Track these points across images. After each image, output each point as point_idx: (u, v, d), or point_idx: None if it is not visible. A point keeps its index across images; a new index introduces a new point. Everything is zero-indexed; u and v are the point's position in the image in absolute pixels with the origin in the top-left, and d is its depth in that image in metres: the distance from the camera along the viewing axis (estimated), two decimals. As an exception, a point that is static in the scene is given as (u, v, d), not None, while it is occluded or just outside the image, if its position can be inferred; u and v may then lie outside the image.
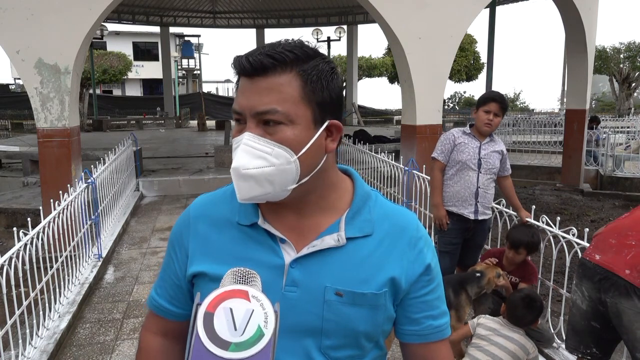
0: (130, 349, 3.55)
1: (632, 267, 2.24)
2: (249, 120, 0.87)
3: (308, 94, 0.87)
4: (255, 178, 0.86)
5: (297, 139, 0.87)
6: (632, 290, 2.23)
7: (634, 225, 2.37)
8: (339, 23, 19.47)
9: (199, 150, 12.82)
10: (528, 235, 3.41)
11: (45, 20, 5.27)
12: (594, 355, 2.49)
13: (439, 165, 3.68)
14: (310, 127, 0.89)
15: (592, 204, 8.51)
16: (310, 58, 0.89)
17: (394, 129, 16.92)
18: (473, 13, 6.63)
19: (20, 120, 21.75)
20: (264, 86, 0.86)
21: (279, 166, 0.86)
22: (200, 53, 34.67)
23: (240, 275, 0.79)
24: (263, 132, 0.87)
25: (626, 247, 2.30)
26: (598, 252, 2.41)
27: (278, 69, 0.86)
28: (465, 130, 3.65)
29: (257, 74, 0.86)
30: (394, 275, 0.94)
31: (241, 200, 0.90)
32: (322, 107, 0.90)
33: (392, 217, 0.99)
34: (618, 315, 2.28)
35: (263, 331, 0.71)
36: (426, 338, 0.99)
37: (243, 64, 0.87)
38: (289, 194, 0.90)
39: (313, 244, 0.93)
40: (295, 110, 0.87)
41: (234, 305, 0.72)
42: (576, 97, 9.09)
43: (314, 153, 0.90)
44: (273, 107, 0.85)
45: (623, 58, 26.04)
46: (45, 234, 3.61)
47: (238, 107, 0.89)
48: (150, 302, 1.09)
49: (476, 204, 3.60)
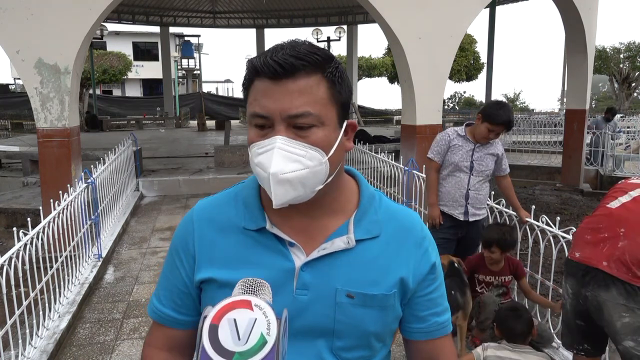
0: (130, 349, 3.55)
1: (609, 258, 2.32)
2: (278, 123, 0.85)
3: (335, 95, 0.88)
4: (291, 182, 0.85)
5: (327, 140, 0.88)
6: (611, 281, 2.30)
7: (604, 218, 2.46)
8: (339, 23, 19.46)
9: (199, 150, 12.82)
10: (499, 233, 3.47)
11: (45, 20, 5.27)
12: (587, 350, 2.55)
13: (435, 165, 3.71)
14: (336, 127, 0.90)
15: (592, 204, 8.51)
16: (331, 60, 0.89)
17: (394, 129, 16.92)
18: (473, 13, 6.63)
19: (20, 120, 21.74)
20: (294, 88, 0.85)
21: (313, 168, 0.86)
22: (200, 53, 34.65)
23: (248, 286, 0.81)
24: (295, 135, 0.86)
25: (601, 240, 2.39)
26: (577, 250, 2.50)
27: (307, 71, 0.85)
28: (460, 133, 3.64)
29: (286, 75, 0.84)
30: (403, 275, 0.96)
31: (277, 206, 0.88)
32: (344, 107, 0.91)
33: (398, 217, 1.00)
34: (599, 308, 2.34)
35: (266, 338, 0.72)
36: (431, 335, 1.02)
37: (271, 65, 0.84)
38: (313, 195, 0.90)
39: (323, 246, 0.93)
40: (325, 111, 0.87)
41: (238, 315, 0.73)
42: (576, 97, 9.09)
43: (339, 152, 0.91)
44: (307, 110, 0.85)
45: (623, 58, 26.08)
46: (45, 234, 3.61)
47: (264, 111, 0.86)
48: (153, 313, 1.04)
49: (466, 205, 3.66)
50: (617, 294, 2.28)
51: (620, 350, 2.31)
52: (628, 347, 2.25)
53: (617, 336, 2.29)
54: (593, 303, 2.36)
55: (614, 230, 2.37)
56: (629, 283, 2.26)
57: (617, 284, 2.28)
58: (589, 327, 2.48)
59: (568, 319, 2.58)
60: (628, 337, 2.26)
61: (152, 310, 1.05)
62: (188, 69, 32.83)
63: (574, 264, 2.48)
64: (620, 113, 20.97)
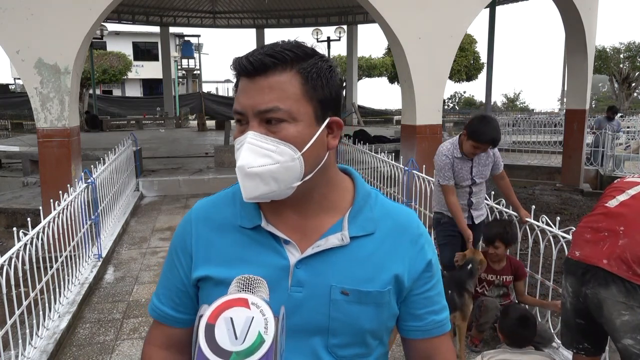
0: (130, 349, 3.55)
1: (609, 256, 2.32)
2: (251, 119, 0.88)
3: (309, 91, 0.89)
4: (260, 176, 0.87)
5: (300, 136, 0.88)
6: (611, 279, 2.30)
7: (602, 218, 2.47)
8: (339, 23, 19.45)
9: (199, 150, 12.82)
10: (501, 227, 3.50)
11: (45, 20, 5.27)
12: (587, 349, 2.55)
13: (451, 189, 3.59)
14: (313, 124, 0.90)
15: (592, 204, 8.46)
16: (309, 56, 0.90)
17: (394, 129, 16.91)
18: (473, 13, 6.63)
19: (20, 120, 21.74)
20: (265, 85, 0.87)
21: (284, 163, 0.87)
22: (200, 53, 34.64)
23: (244, 283, 0.80)
24: (266, 131, 0.87)
25: (601, 239, 2.40)
26: (577, 249, 2.50)
27: (279, 68, 0.87)
28: (456, 155, 3.57)
29: (258, 73, 0.87)
30: (398, 272, 0.96)
31: (247, 199, 0.90)
32: (323, 104, 0.91)
33: (393, 215, 1.01)
34: (599, 306, 2.34)
35: (263, 337, 0.71)
36: (429, 333, 1.02)
37: (243, 64, 0.88)
38: (293, 192, 0.91)
39: (317, 243, 0.94)
40: (297, 107, 0.88)
41: (234, 314, 0.72)
42: (576, 97, 9.10)
43: (317, 149, 0.91)
44: (275, 105, 0.86)
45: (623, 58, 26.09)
46: (45, 234, 3.61)
47: (239, 107, 0.89)
48: (153, 312, 1.06)
49: (469, 210, 3.74)
50: (617, 291, 2.28)
51: (620, 348, 2.31)
52: (627, 345, 2.26)
53: (617, 334, 2.30)
54: (593, 301, 2.37)
55: (613, 229, 2.37)
56: (629, 281, 2.27)
57: (617, 282, 2.29)
58: (589, 326, 2.48)
59: (568, 318, 2.58)
60: (627, 335, 2.26)
61: (152, 309, 1.06)
62: (188, 69, 32.82)
63: (574, 262, 2.48)
64: (620, 113, 20.97)
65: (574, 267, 2.48)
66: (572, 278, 2.49)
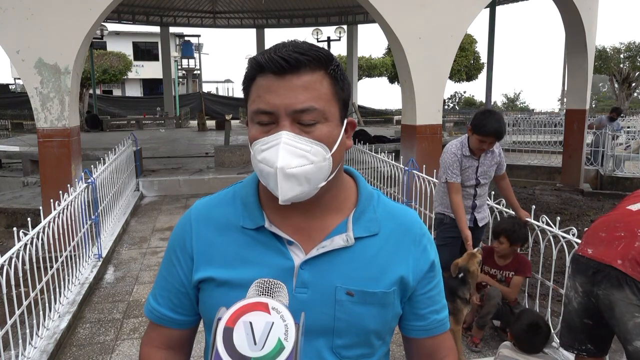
0: (130, 349, 3.55)
1: (624, 257, 2.29)
2: (283, 118, 0.86)
3: (338, 92, 0.90)
4: (296, 177, 0.85)
5: (331, 136, 0.88)
6: (624, 280, 2.27)
7: (621, 217, 2.43)
8: (339, 23, 19.45)
9: (199, 150, 12.82)
10: (509, 224, 3.49)
11: (45, 20, 5.27)
12: (589, 351, 2.52)
13: (458, 187, 3.55)
14: (339, 124, 0.91)
15: (592, 204, 8.51)
16: (332, 58, 0.90)
17: (394, 129, 16.92)
18: (473, 13, 6.63)
19: (20, 120, 21.73)
20: (299, 84, 0.85)
21: (317, 163, 0.86)
22: (200, 53, 34.66)
23: (264, 287, 0.77)
24: (299, 131, 0.86)
25: (616, 239, 2.36)
26: (590, 246, 2.46)
27: (310, 67, 0.86)
28: (465, 153, 3.55)
29: (291, 71, 0.85)
30: (402, 274, 0.96)
31: (283, 202, 0.87)
32: (344, 105, 0.92)
33: (396, 216, 1.01)
34: (610, 307, 2.31)
35: (283, 344, 0.69)
36: (432, 332, 1.03)
37: (277, 61, 0.84)
38: (316, 192, 0.90)
39: (323, 244, 0.93)
40: (329, 107, 0.88)
41: (254, 318, 0.70)
42: (576, 97, 9.10)
43: (341, 149, 0.92)
44: (311, 105, 0.85)
45: (623, 58, 26.07)
46: (45, 234, 3.61)
47: (268, 107, 0.86)
48: (150, 313, 1.04)
49: (472, 213, 3.71)
50: (631, 293, 2.25)
51: (630, 351, 2.27)
52: (639, 347, 2.22)
53: (628, 336, 2.26)
54: (604, 302, 2.33)
55: (631, 230, 2.34)
56: None
57: (631, 284, 2.26)
58: (596, 327, 2.44)
59: (572, 318, 2.53)
60: (639, 338, 2.23)
61: (149, 310, 1.04)
62: (188, 69, 32.82)
63: (585, 260, 2.44)
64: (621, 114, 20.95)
65: (584, 267, 2.43)
66: (582, 277, 2.44)
